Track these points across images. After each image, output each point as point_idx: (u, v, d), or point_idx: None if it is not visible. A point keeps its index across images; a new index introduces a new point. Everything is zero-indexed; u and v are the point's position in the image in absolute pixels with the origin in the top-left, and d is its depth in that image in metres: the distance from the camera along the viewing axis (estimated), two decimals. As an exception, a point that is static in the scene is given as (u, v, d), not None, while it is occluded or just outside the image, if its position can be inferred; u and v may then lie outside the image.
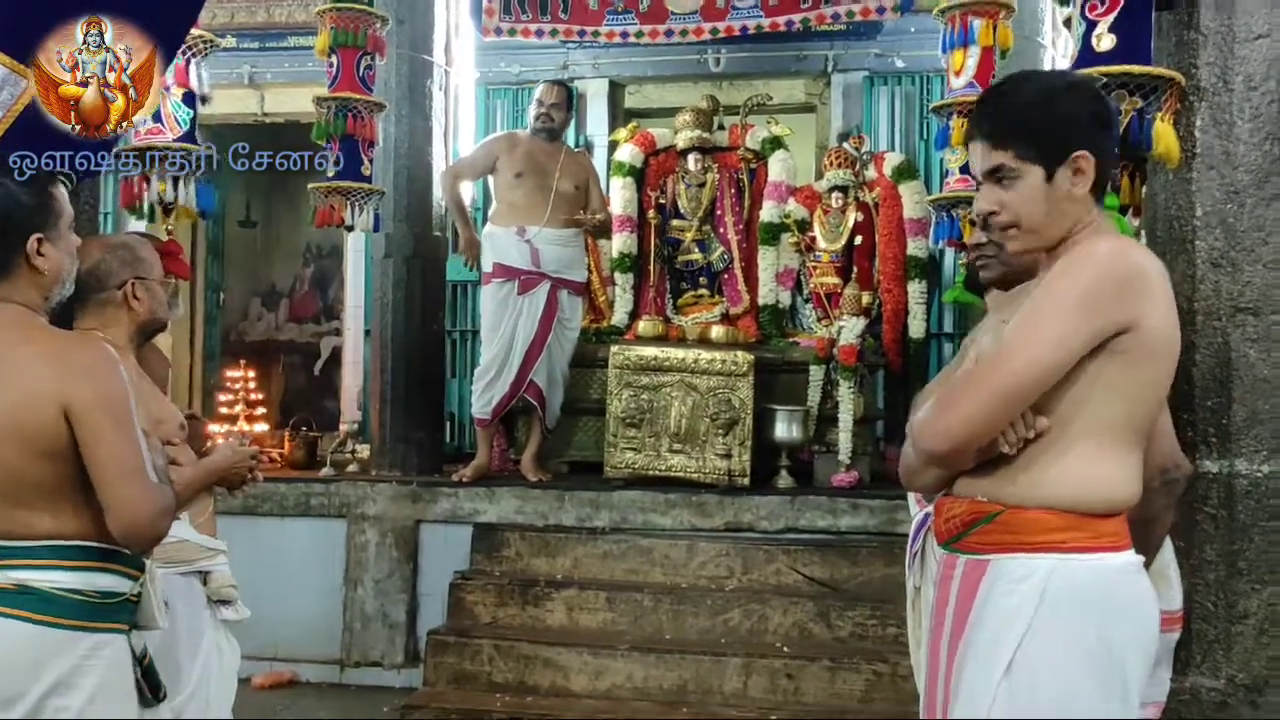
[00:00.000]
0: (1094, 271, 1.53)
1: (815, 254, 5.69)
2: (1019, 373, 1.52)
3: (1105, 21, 2.81)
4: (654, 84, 6.79)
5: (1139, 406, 1.56)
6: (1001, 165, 1.62)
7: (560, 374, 5.23)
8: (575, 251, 5.23)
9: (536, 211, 5.08)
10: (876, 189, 5.68)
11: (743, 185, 5.79)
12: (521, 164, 5.14)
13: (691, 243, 5.77)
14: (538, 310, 5.08)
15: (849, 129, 6.29)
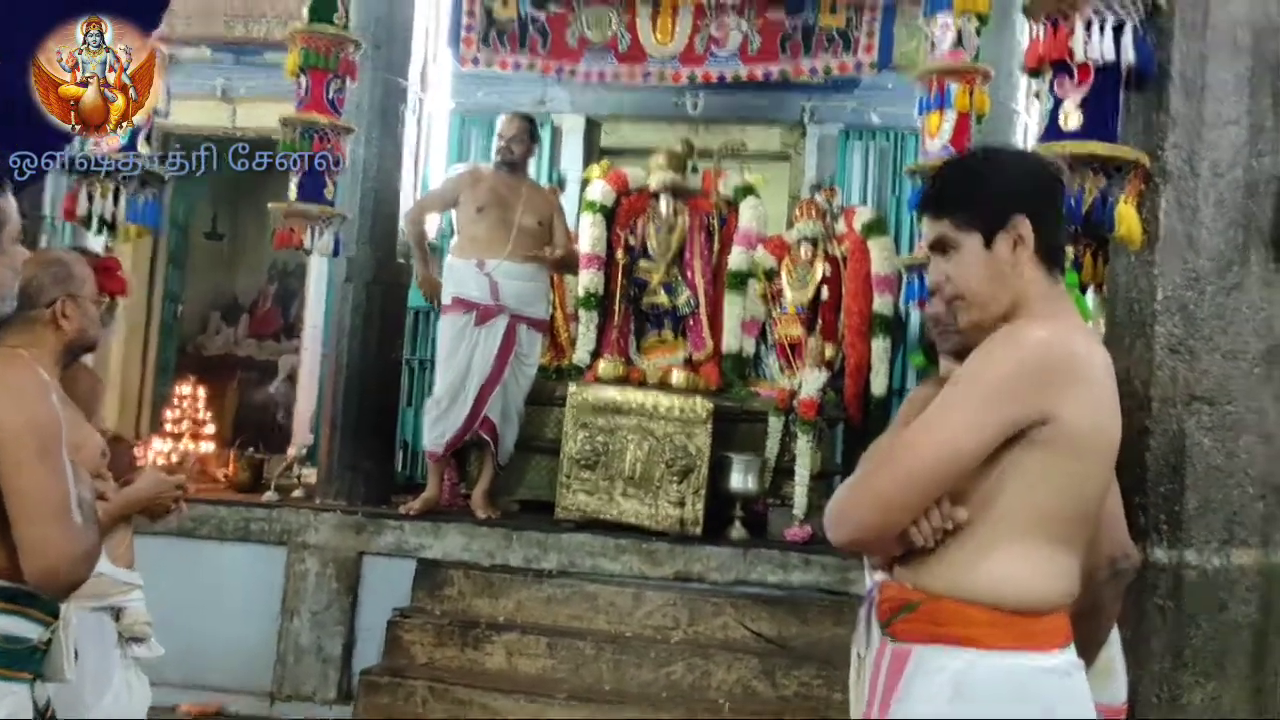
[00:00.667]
0: (1015, 356, 1.49)
1: (781, 304, 5.66)
2: (927, 459, 1.48)
3: (1073, 99, 2.80)
4: (630, 123, 6.77)
5: (1065, 501, 1.50)
6: (943, 235, 1.61)
7: (515, 410, 5.14)
8: (536, 287, 5.14)
9: (497, 245, 5.00)
10: (845, 243, 5.66)
11: (713, 230, 5.74)
12: (484, 198, 5.07)
13: (658, 285, 5.73)
14: (494, 344, 4.98)
15: (822, 181, 6.28)
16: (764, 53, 5.67)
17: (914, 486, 1.48)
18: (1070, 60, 2.75)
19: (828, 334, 5.55)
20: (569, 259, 5.16)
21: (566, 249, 5.17)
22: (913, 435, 1.52)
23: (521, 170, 5.16)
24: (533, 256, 4.98)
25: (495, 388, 4.97)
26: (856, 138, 6.40)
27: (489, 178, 5.16)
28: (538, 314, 5.15)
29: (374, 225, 5.29)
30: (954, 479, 1.48)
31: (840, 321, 5.62)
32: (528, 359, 5.11)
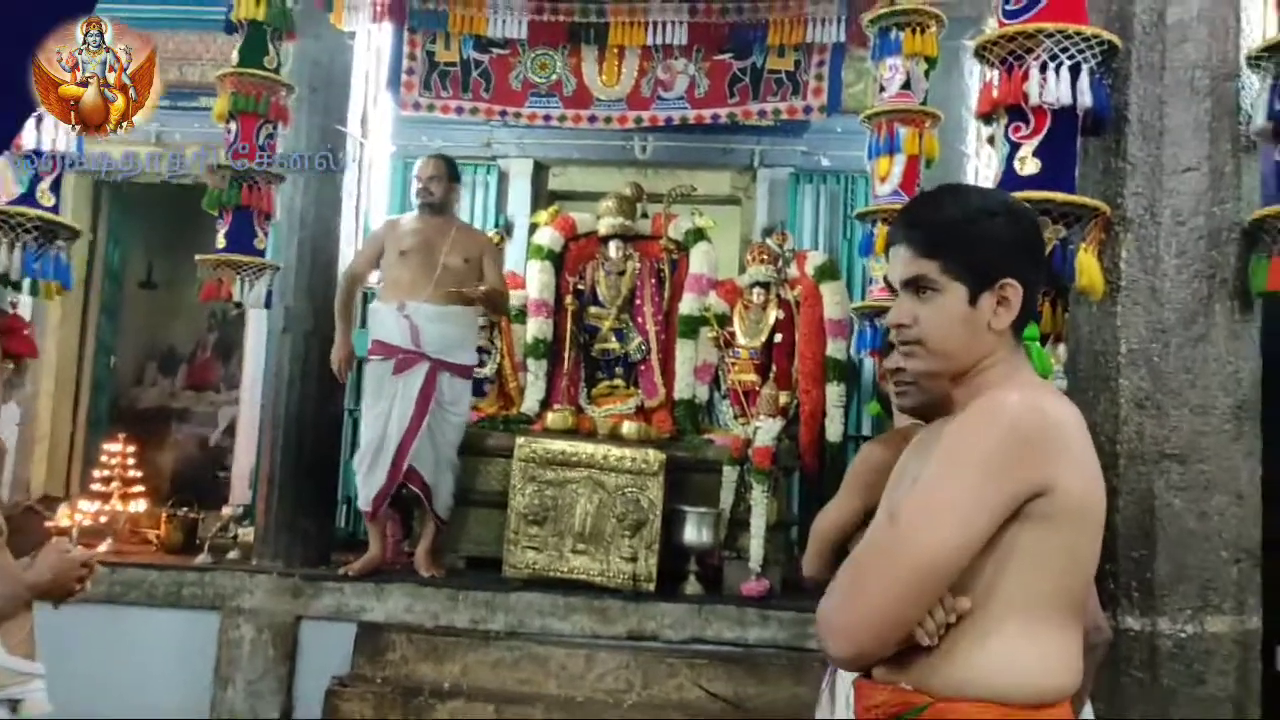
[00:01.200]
0: (1000, 429, 1.37)
1: (734, 350, 5.60)
2: (929, 555, 1.34)
3: (1029, 145, 2.69)
4: (579, 167, 6.69)
5: (1067, 578, 1.41)
6: (923, 276, 1.49)
7: (447, 461, 4.92)
8: (461, 332, 4.92)
9: (420, 286, 4.81)
10: (798, 287, 5.61)
11: (663, 275, 5.70)
12: (408, 241, 4.87)
13: (609, 331, 5.65)
14: (413, 392, 4.76)
15: (773, 225, 6.23)
16: (712, 96, 5.59)
17: (918, 589, 1.35)
18: (1025, 104, 2.65)
19: (782, 380, 5.47)
20: (495, 298, 4.93)
21: (493, 288, 4.93)
22: (908, 530, 1.37)
23: (446, 211, 4.96)
24: (455, 294, 4.77)
25: (414, 439, 4.73)
26: (807, 181, 6.36)
27: (411, 221, 4.99)
28: (462, 360, 4.93)
29: (312, 275, 5.10)
30: (953, 576, 1.36)
31: (794, 367, 5.55)
32: (454, 407, 4.90)
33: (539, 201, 6.54)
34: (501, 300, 5.02)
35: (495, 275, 4.95)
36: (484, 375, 5.63)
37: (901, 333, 1.52)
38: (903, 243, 1.52)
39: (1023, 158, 2.68)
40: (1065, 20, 2.64)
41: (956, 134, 5.01)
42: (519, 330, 5.72)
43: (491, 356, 5.69)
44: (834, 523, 2.28)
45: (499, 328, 5.71)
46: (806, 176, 6.38)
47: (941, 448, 1.41)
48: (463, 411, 4.95)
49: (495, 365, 5.69)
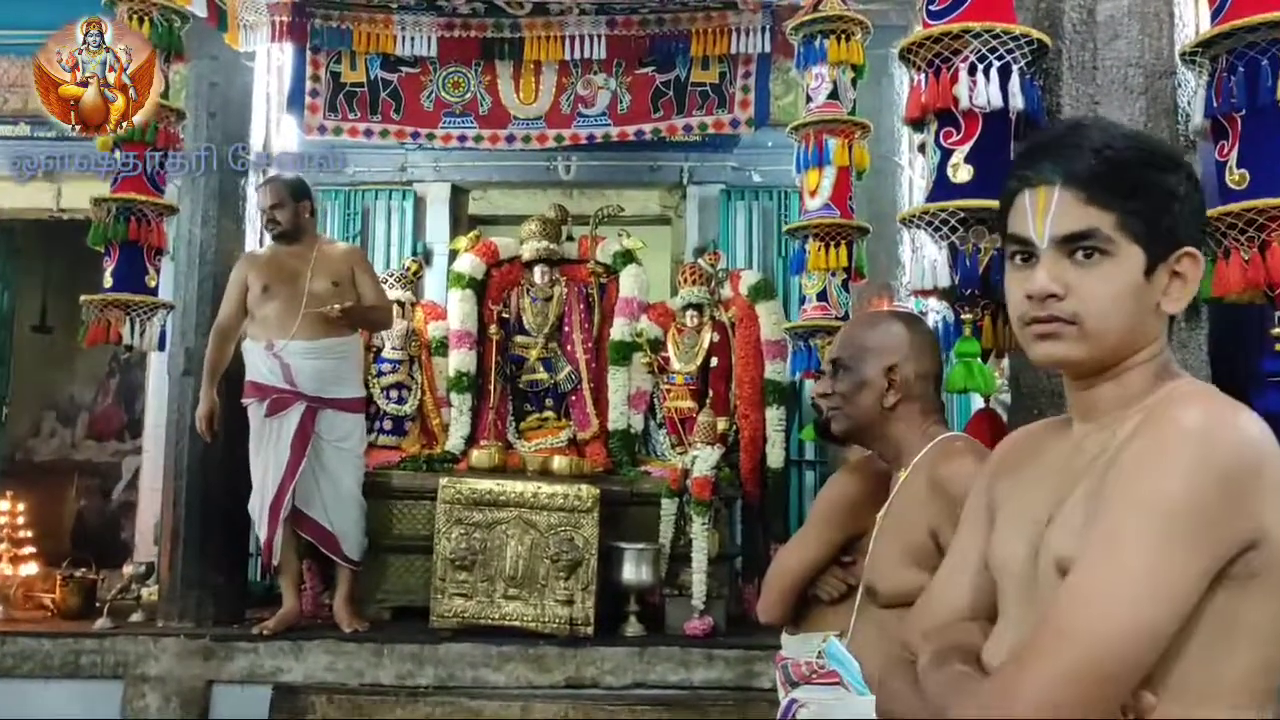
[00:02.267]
0: (1208, 467, 1.07)
1: (669, 375, 5.55)
2: (1116, 638, 1.05)
3: (961, 151, 2.63)
4: (500, 190, 6.62)
5: (1272, 649, 1.12)
6: (1093, 232, 1.17)
7: (351, 500, 4.75)
8: (339, 364, 4.74)
9: (286, 321, 4.63)
10: (733, 308, 5.57)
11: (592, 300, 5.65)
12: (266, 275, 4.68)
13: (536, 361, 5.59)
14: (288, 434, 4.57)
15: (705, 244, 6.20)
16: (635, 111, 5.53)
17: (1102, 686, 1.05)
18: (955, 108, 2.59)
19: (719, 406, 5.41)
20: (364, 314, 4.76)
21: (358, 303, 4.74)
22: (1079, 611, 1.07)
23: (303, 235, 4.78)
24: (319, 315, 4.59)
25: (292, 484, 4.54)
26: (739, 198, 6.34)
27: (269, 253, 4.81)
28: (345, 393, 4.74)
29: (214, 312, 4.89)
30: (1149, 664, 1.07)
31: (731, 392, 5.50)
32: (344, 443, 4.72)
33: (458, 227, 6.44)
34: (376, 314, 4.86)
35: (370, 288, 4.79)
36: (405, 413, 5.51)
37: (1048, 306, 1.18)
38: (1060, 182, 1.19)
39: (955, 164, 2.62)
40: (992, 19, 2.58)
41: (889, 144, 4.99)
42: (440, 364, 5.61)
43: (412, 392, 5.57)
44: (804, 562, 2.17)
45: (419, 362, 5.60)
46: (738, 193, 6.36)
47: (1126, 491, 1.10)
48: (355, 446, 4.78)
49: (416, 402, 5.57)
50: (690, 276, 5.56)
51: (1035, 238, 1.20)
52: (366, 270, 4.92)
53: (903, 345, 2.01)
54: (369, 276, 4.89)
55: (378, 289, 4.93)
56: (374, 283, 4.90)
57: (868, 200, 4.70)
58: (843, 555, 2.17)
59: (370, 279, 4.88)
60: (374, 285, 4.88)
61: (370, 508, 4.90)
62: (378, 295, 4.88)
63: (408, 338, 5.57)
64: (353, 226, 6.42)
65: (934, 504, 1.83)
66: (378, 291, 4.91)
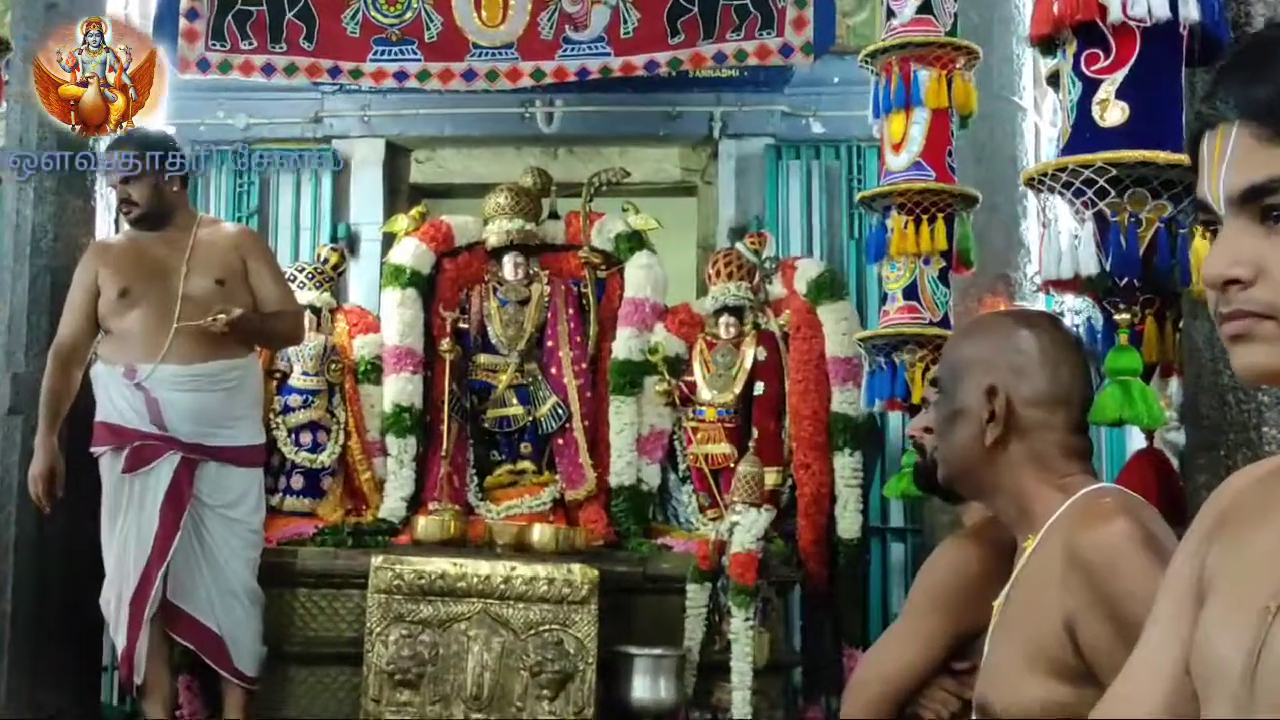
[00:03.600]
0: None
1: (696, 409, 5.59)
2: None
3: (1110, 82, 2.62)
4: (454, 149, 6.65)
5: None
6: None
7: (245, 592, 4.73)
8: (228, 398, 4.69)
9: (153, 339, 4.58)
10: (786, 312, 5.61)
11: (586, 304, 5.71)
12: (124, 274, 4.66)
13: (508, 390, 5.66)
14: (157, 497, 4.58)
15: (745, 222, 6.22)
16: (645, 36, 5.52)
17: None
18: (1102, 21, 2.58)
19: (767, 451, 5.41)
20: (264, 323, 4.72)
21: (260, 310, 4.69)
22: None
23: (171, 217, 4.76)
24: (199, 329, 4.56)
25: (160, 568, 4.52)
26: (791, 156, 6.35)
27: (126, 243, 4.81)
28: (237, 439, 4.71)
29: (53, 322, 4.90)
30: None
31: (785, 430, 5.53)
32: (234, 511, 4.70)
33: (396, 201, 6.48)
34: (279, 324, 4.83)
35: (271, 287, 4.76)
36: (322, 465, 5.52)
37: (1231, 296, 1.19)
38: (1237, 118, 1.17)
39: (1102, 101, 2.61)
40: (1152, -108, 2.58)
41: (1005, 77, 4.99)
42: (372, 394, 5.65)
43: (332, 436, 5.58)
44: (901, 668, 2.18)
45: (341, 393, 5.62)
46: (790, 150, 6.36)
47: None
48: (250, 514, 4.77)
49: (337, 449, 5.58)
50: (725, 268, 5.59)
51: (1210, 198, 1.18)
52: (265, 260, 4.91)
53: (1010, 357, 1.98)
54: (269, 269, 4.89)
55: (282, 287, 4.92)
56: (276, 278, 4.90)
57: (975, 157, 4.68)
58: (955, 659, 2.16)
59: (271, 273, 4.87)
60: (276, 282, 4.87)
61: (272, 600, 4.89)
62: (282, 296, 4.87)
63: (325, 358, 5.58)
64: (246, 203, 6.42)
65: (1071, 586, 1.79)
66: (282, 291, 4.90)
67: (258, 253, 4.89)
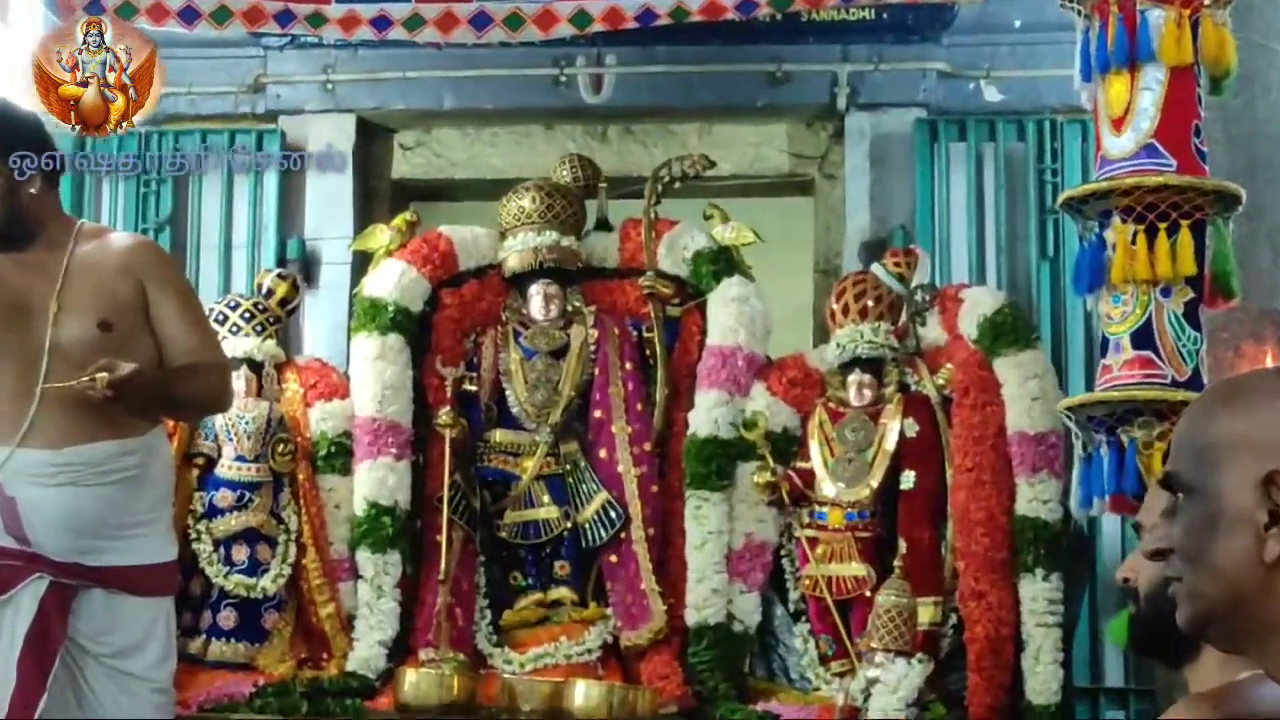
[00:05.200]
0: None
1: (814, 511, 5.60)
2: None
3: None
4: (456, 129, 6.70)
5: None
6: None
7: None
8: (121, 496, 4.61)
9: (8, 411, 4.56)
10: (947, 366, 5.60)
11: (651, 355, 5.74)
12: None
13: (536, 483, 5.70)
14: (16, 639, 4.57)
15: (885, 234, 6.26)
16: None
17: None
18: None
19: (921, 574, 5.40)
20: (170, 383, 4.67)
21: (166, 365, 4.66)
22: None
23: (44, 231, 4.75)
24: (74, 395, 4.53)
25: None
26: (952, 135, 6.35)
27: None
28: (137, 557, 4.67)
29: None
30: None
31: (946, 544, 5.54)
32: (130, 659, 4.68)
33: (372, 206, 6.56)
34: (193, 385, 4.76)
35: (182, 324, 4.64)
36: (263, 592, 5.51)
37: None
38: None
39: None
40: None
41: (1270, 18, 5.00)
42: (338, 489, 5.67)
43: (278, 551, 5.58)
44: None
45: (292, 486, 5.64)
46: (951, 126, 6.38)
47: None
48: (152, 667, 4.69)
49: (286, 570, 5.57)
50: (855, 303, 5.58)
51: None
52: (173, 288, 4.77)
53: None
54: (179, 301, 4.76)
55: (198, 329, 4.81)
56: (189, 314, 4.78)
57: (1228, 138, 4.67)
58: None
59: (181, 306, 4.74)
60: (189, 320, 4.75)
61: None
62: (199, 342, 4.74)
63: (268, 436, 5.57)
64: (153, 211, 6.48)
65: None
66: (198, 335, 4.78)
67: (162, 277, 4.82)
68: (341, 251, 6.35)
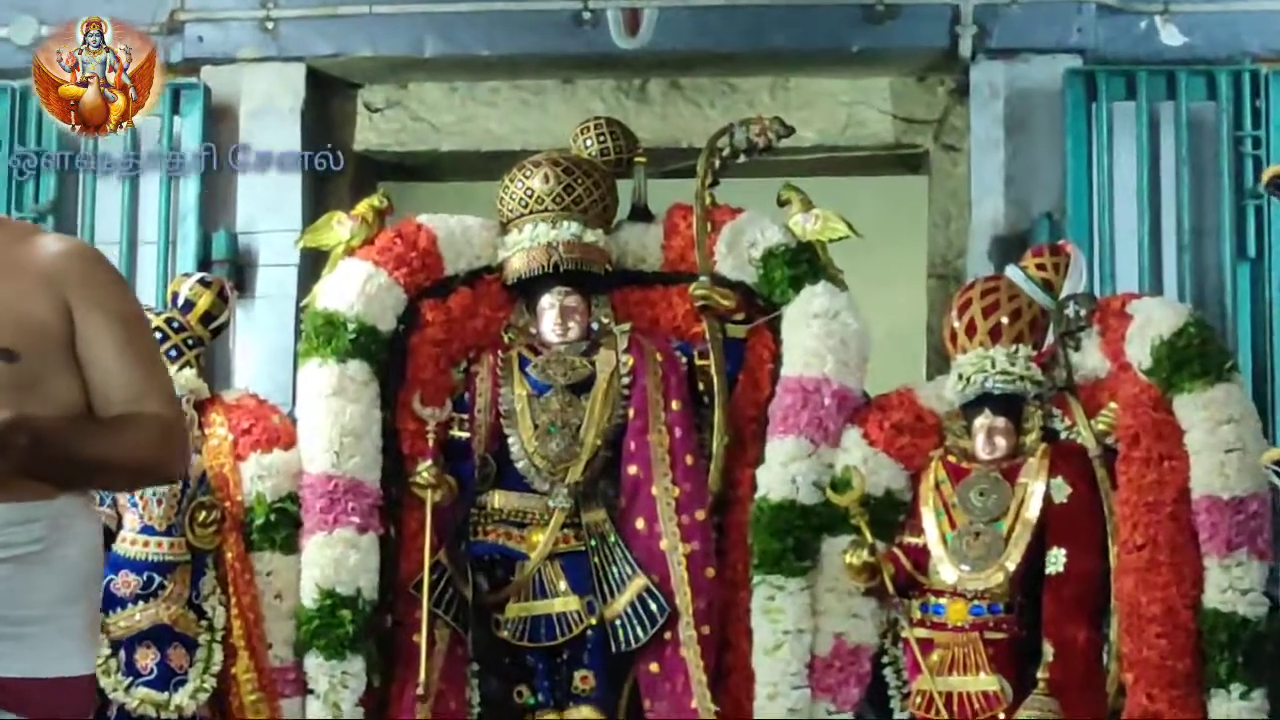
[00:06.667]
0: None
1: (929, 604, 5.59)
2: None
3: None
4: (441, 83, 6.77)
5: None
6: None
7: None
8: (21, 579, 4.70)
9: None
10: (1110, 407, 5.60)
11: (701, 387, 5.75)
12: None
13: (550, 564, 5.69)
14: None
15: (1026, 226, 6.29)
16: None
17: None
18: None
19: (1075, 686, 5.37)
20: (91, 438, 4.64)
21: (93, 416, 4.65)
22: None
23: None
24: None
25: None
26: (1118, 93, 6.37)
27: None
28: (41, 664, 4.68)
29: None
30: None
31: (1108, 645, 5.51)
32: None
33: (327, 187, 6.60)
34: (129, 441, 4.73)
35: (117, 359, 4.65)
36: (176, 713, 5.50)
37: None
38: None
39: None
40: None
41: None
42: (280, 571, 5.67)
43: (199, 657, 5.57)
44: None
45: (216, 566, 5.62)
46: (1115, 79, 6.40)
47: None
48: None
49: (208, 682, 5.55)
50: (984, 319, 5.58)
51: None
52: (111, 311, 4.73)
53: None
54: (117, 327, 4.72)
55: (143, 368, 4.77)
56: (130, 346, 4.77)
57: None
58: None
59: (119, 335, 4.70)
60: (130, 353, 4.72)
61: None
62: (139, 385, 4.71)
63: (183, 499, 5.56)
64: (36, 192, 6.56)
65: None
66: (142, 376, 4.75)
67: (95, 296, 4.75)
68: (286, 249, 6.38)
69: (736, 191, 5.85)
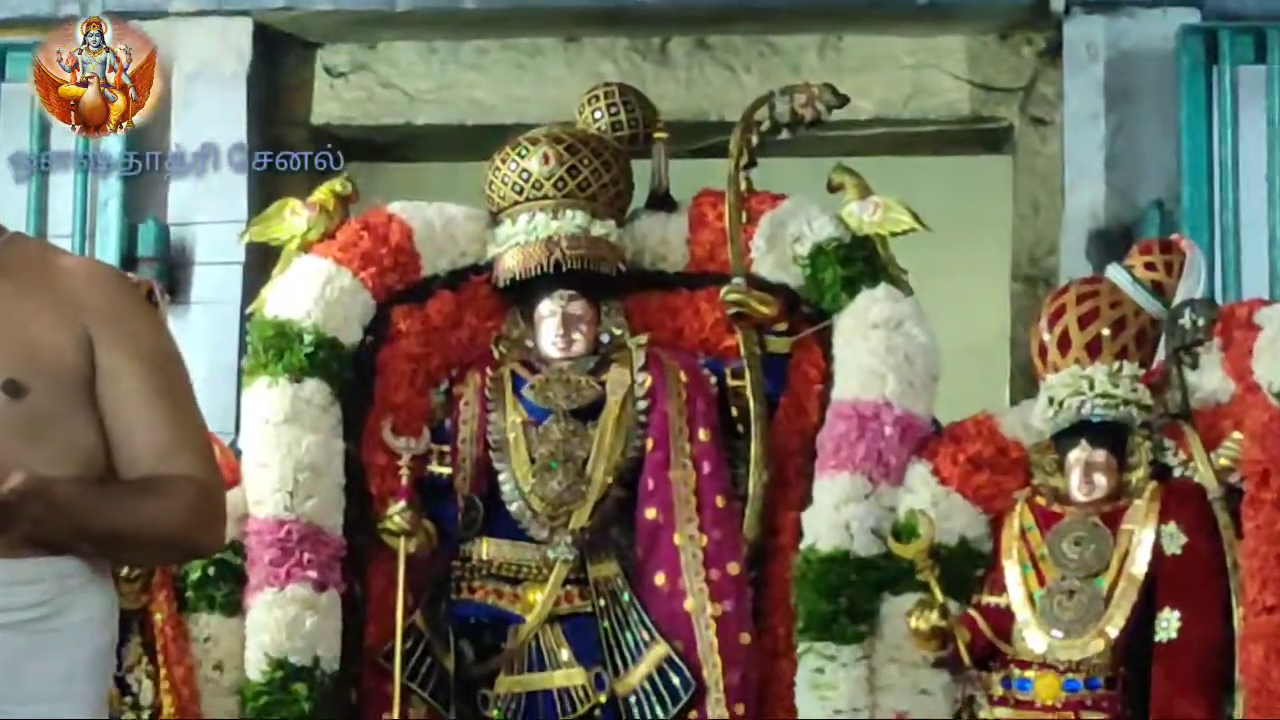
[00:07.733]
0: None
1: (1013, 677, 5.60)
2: None
3: None
4: (414, 38, 6.85)
5: None
6: None
7: None
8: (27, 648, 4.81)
9: None
10: (1235, 437, 5.60)
11: (735, 413, 5.80)
12: None
13: (550, 628, 5.73)
14: None
15: (1133, 218, 6.35)
16: None
17: None
18: None
19: None
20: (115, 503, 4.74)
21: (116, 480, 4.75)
22: None
23: None
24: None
25: None
26: (1244, 54, 6.40)
27: None
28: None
29: None
30: None
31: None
32: None
33: (275, 186, 6.63)
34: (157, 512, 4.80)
35: (145, 405, 4.73)
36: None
37: None
38: None
39: None
40: None
41: None
42: (220, 637, 5.72)
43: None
44: None
45: (143, 630, 5.66)
46: (1241, 38, 6.45)
47: None
48: None
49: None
50: (1082, 328, 5.63)
51: None
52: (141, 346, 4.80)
53: None
54: (145, 367, 4.78)
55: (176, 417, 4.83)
56: (162, 390, 4.83)
57: None
58: None
59: (148, 376, 4.78)
60: (161, 400, 4.79)
61: None
62: (169, 438, 4.75)
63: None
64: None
65: None
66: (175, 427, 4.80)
67: (123, 328, 4.86)
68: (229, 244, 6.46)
69: (778, 174, 5.89)
